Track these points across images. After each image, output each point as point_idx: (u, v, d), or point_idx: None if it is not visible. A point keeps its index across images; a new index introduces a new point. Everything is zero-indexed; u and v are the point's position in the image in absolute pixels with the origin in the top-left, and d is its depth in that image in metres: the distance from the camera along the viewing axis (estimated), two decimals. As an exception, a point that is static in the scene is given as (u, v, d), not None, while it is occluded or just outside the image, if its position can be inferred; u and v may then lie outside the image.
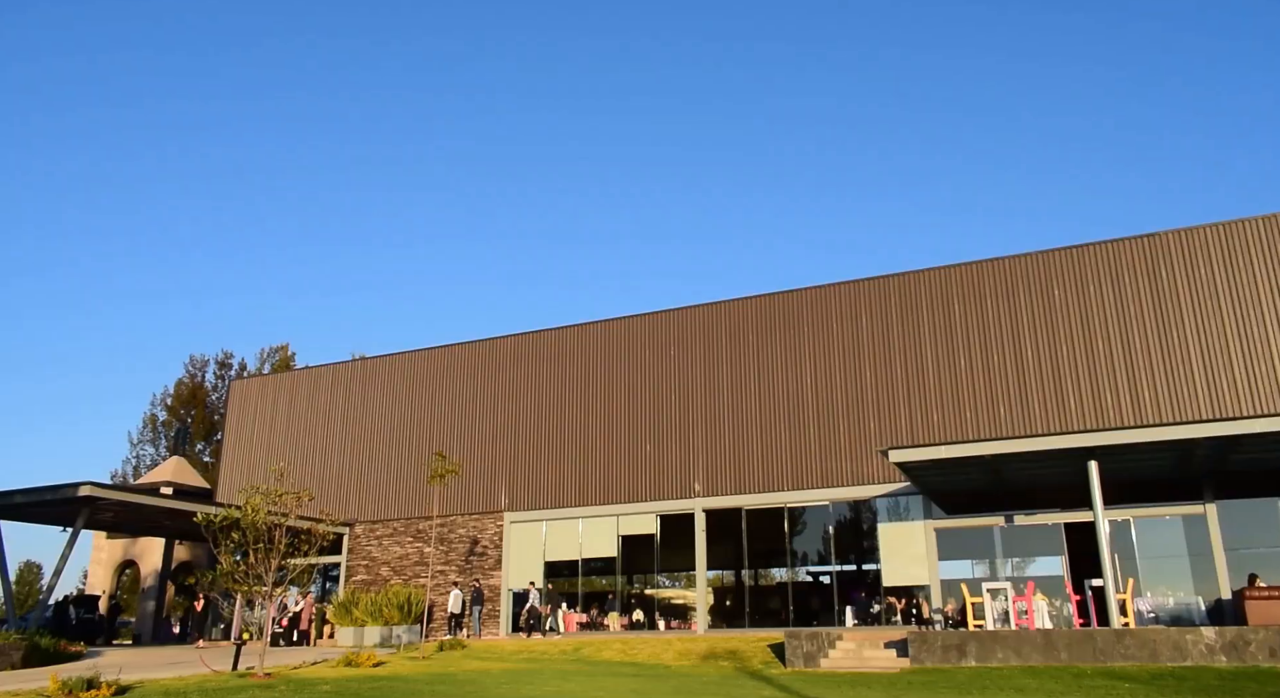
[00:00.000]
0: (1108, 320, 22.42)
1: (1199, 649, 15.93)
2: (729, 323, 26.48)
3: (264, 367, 54.25)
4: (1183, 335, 21.68)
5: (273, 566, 17.08)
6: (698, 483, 25.46)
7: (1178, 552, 20.63)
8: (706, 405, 25.97)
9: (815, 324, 25.38)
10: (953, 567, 22.54)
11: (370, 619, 25.62)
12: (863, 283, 25.17)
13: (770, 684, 15.98)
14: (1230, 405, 20.82)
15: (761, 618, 26.10)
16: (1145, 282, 22.38)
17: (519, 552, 27.18)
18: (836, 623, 23.10)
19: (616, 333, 27.94)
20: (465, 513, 28.22)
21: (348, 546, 29.86)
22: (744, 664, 19.26)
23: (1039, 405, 22.44)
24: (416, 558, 28.62)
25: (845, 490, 23.79)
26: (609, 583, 28.13)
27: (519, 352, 29.24)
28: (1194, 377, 21.34)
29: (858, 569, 25.19)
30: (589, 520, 26.60)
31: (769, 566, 30.05)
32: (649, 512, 25.86)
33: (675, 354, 26.86)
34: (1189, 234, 22.33)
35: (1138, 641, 16.31)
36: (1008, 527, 22.15)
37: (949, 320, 23.91)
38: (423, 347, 31.14)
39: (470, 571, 27.56)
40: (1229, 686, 14.23)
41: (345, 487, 30.51)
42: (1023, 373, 22.82)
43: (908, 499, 23.08)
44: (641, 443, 26.49)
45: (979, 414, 22.92)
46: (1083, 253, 23.15)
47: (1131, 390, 21.75)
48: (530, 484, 27.66)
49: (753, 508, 24.82)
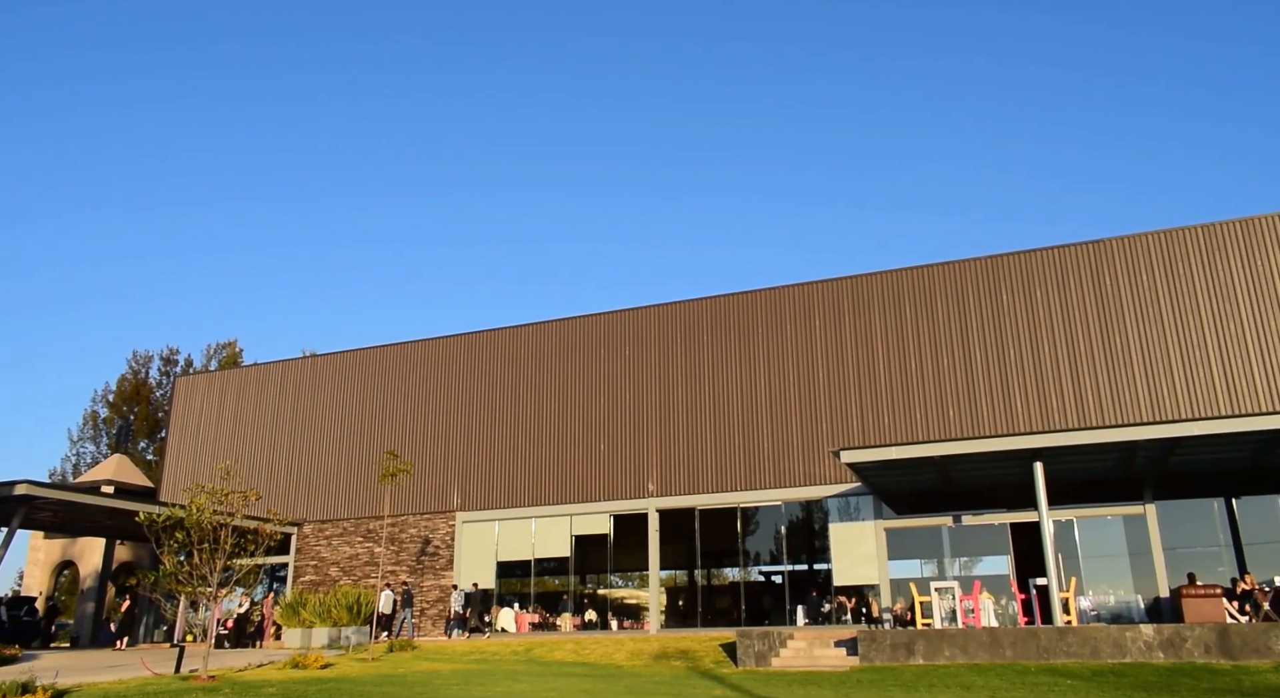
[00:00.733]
0: (1054, 325, 22.90)
1: (1138, 646, 16.33)
2: (684, 323, 26.56)
3: (211, 363, 53.18)
4: (1125, 340, 22.23)
5: (218, 566, 16.74)
6: (651, 483, 25.49)
7: (1119, 551, 21.15)
8: (661, 405, 26.02)
9: (769, 325, 25.57)
10: (902, 566, 22.86)
11: (318, 620, 25.22)
12: (816, 285, 25.42)
13: (722, 684, 16.05)
14: (1170, 409, 21.39)
15: (714, 618, 26.21)
16: (1090, 287, 22.91)
17: (471, 552, 26.98)
18: (788, 622, 23.28)
19: (570, 332, 27.87)
20: (417, 513, 27.93)
21: (296, 546, 29.38)
22: (696, 664, 19.32)
23: (987, 408, 22.85)
24: (367, 558, 28.26)
25: (797, 491, 23.99)
26: (562, 583, 28.04)
27: (472, 350, 29.03)
28: (1135, 381, 21.89)
29: (809, 569, 25.42)
30: (542, 520, 26.50)
31: (722, 565, 30.20)
32: (602, 512, 25.84)
33: (630, 354, 26.87)
34: (1132, 241, 22.90)
35: (1079, 638, 16.68)
36: (956, 527, 22.52)
37: (900, 323, 24.24)
38: (375, 344, 30.79)
39: (422, 571, 27.29)
40: (1166, 682, 14.61)
41: (294, 486, 30.02)
42: (971, 376, 23.22)
43: (858, 499, 23.35)
44: (595, 443, 26.45)
45: (929, 416, 23.27)
46: (1029, 258, 23.62)
47: (1076, 394, 22.24)
48: (483, 484, 27.47)
49: (706, 508, 24.92)
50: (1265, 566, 20.02)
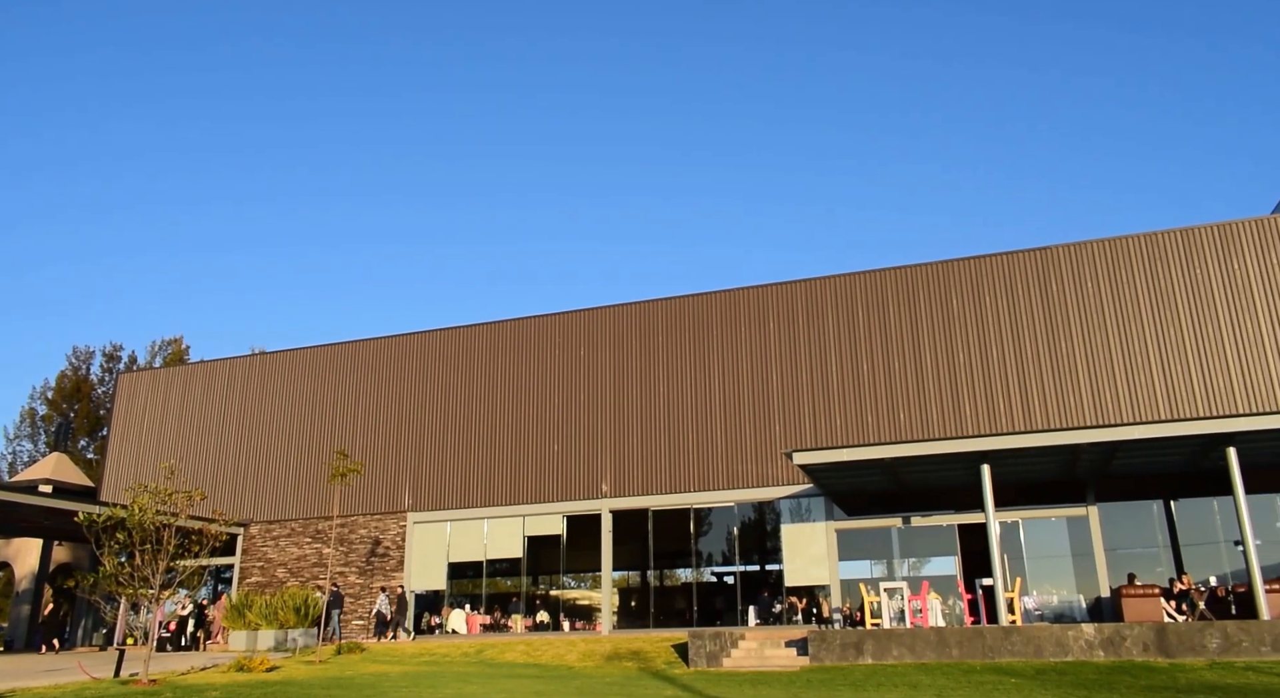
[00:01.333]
0: (1001, 330, 23.35)
1: (1080, 645, 16.71)
2: (639, 324, 26.59)
3: (155, 360, 52.00)
4: (1070, 346, 22.73)
5: (160, 568, 16.39)
6: (605, 484, 25.47)
7: (1062, 552, 21.62)
8: (615, 406, 26.01)
9: (724, 327, 25.70)
10: (852, 567, 23.13)
11: (264, 623, 24.77)
12: (771, 288, 25.61)
13: (673, 684, 16.08)
14: (1112, 413, 21.92)
15: (666, 619, 26.26)
16: (1037, 294, 23.39)
17: (422, 553, 26.71)
18: (739, 623, 23.41)
19: (524, 332, 27.74)
20: (367, 513, 27.58)
21: (242, 546, 28.83)
22: (648, 665, 19.34)
23: (936, 411, 23.21)
24: (315, 559, 27.83)
25: (750, 492, 24.14)
26: (514, 584, 27.88)
27: (425, 349, 28.75)
28: (1080, 386, 22.40)
29: (761, 570, 25.59)
30: (495, 521, 26.34)
31: (674, 566, 30.28)
32: (555, 512, 25.75)
33: (585, 355, 26.83)
34: (1077, 249, 23.43)
35: (1024, 637, 17.01)
36: (905, 528, 22.85)
37: (853, 327, 24.52)
38: (325, 342, 30.34)
39: (372, 572, 26.95)
40: (1105, 679, 14.97)
41: (241, 486, 29.46)
42: (922, 379, 23.57)
43: (810, 501, 23.57)
44: (549, 443, 26.36)
45: (880, 419, 23.57)
46: (979, 264, 24.05)
47: (1023, 398, 22.70)
48: (435, 484, 27.21)
49: (659, 509, 24.97)
50: (1201, 566, 20.61)
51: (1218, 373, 21.59)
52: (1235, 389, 21.36)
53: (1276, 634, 16.02)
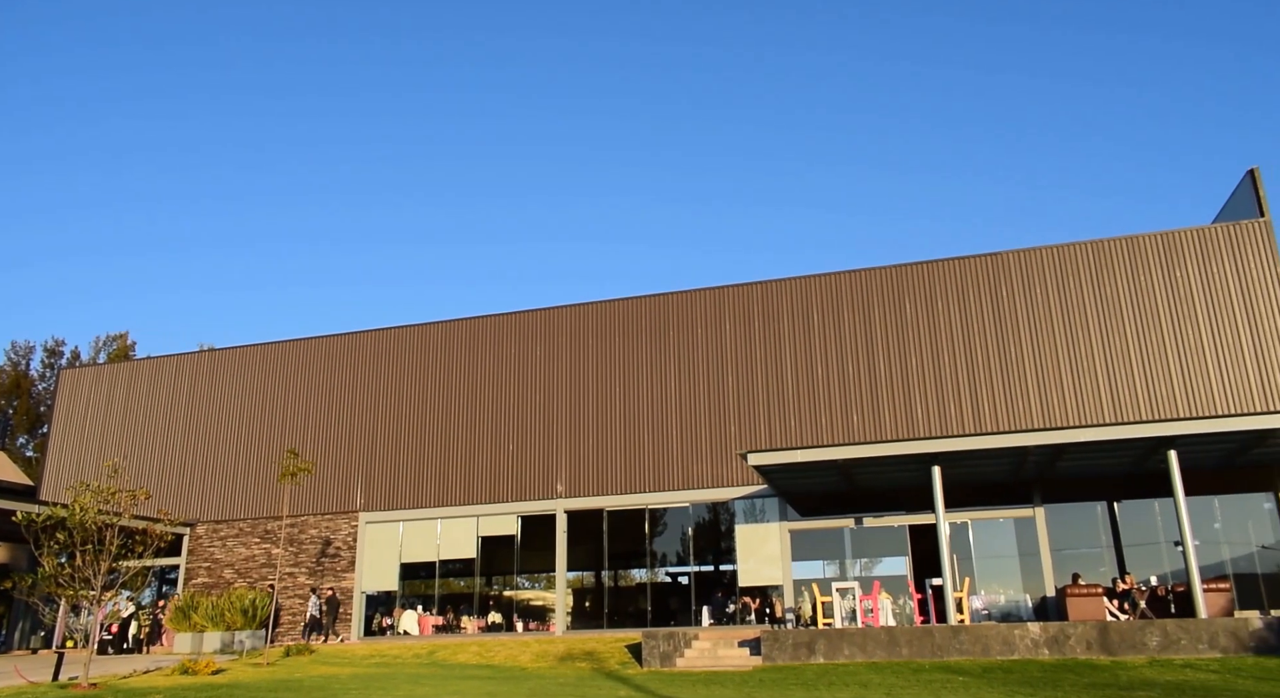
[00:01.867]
0: (953, 334, 23.73)
1: (1025, 643, 17.04)
2: (596, 324, 26.55)
3: (99, 356, 50.76)
4: (1019, 351, 23.18)
5: (103, 568, 16.00)
6: (560, 484, 25.40)
7: (1009, 552, 22.04)
8: (571, 406, 25.96)
9: (681, 328, 25.78)
10: (805, 567, 23.34)
11: (211, 624, 24.31)
12: (728, 289, 25.75)
13: (626, 685, 16.09)
14: (1059, 417, 22.40)
15: (621, 619, 26.25)
16: (988, 299, 23.81)
17: (374, 553, 26.40)
18: (693, 623, 23.49)
19: (479, 331, 27.56)
20: (318, 513, 27.19)
21: (188, 547, 28.24)
22: (601, 665, 19.33)
23: (889, 413, 23.51)
24: (264, 560, 27.36)
25: (705, 493, 24.25)
26: (467, 585, 27.66)
27: (379, 347, 28.42)
28: (1028, 390, 22.85)
29: (715, 570, 25.69)
30: (448, 521, 26.12)
31: (629, 566, 30.28)
32: (510, 512, 25.62)
33: (541, 354, 26.73)
34: (1026, 255, 23.90)
35: (971, 636, 17.30)
36: (857, 528, 23.11)
37: (808, 329, 24.75)
38: (277, 339, 29.85)
39: (322, 573, 26.57)
40: (1050, 677, 15.29)
41: (187, 485, 28.86)
42: (875, 382, 23.87)
43: (764, 502, 23.74)
44: (504, 443, 26.21)
45: (834, 420, 23.81)
46: (931, 268, 24.42)
47: (973, 401, 23.09)
48: (387, 484, 26.91)
49: (614, 509, 24.96)
50: (1143, 566, 21.15)
51: (1160, 378, 22.16)
52: (1176, 394, 21.94)
53: (1214, 633, 16.49)
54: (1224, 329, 22.12)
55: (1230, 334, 22.06)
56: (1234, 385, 21.70)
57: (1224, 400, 21.61)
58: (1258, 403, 21.37)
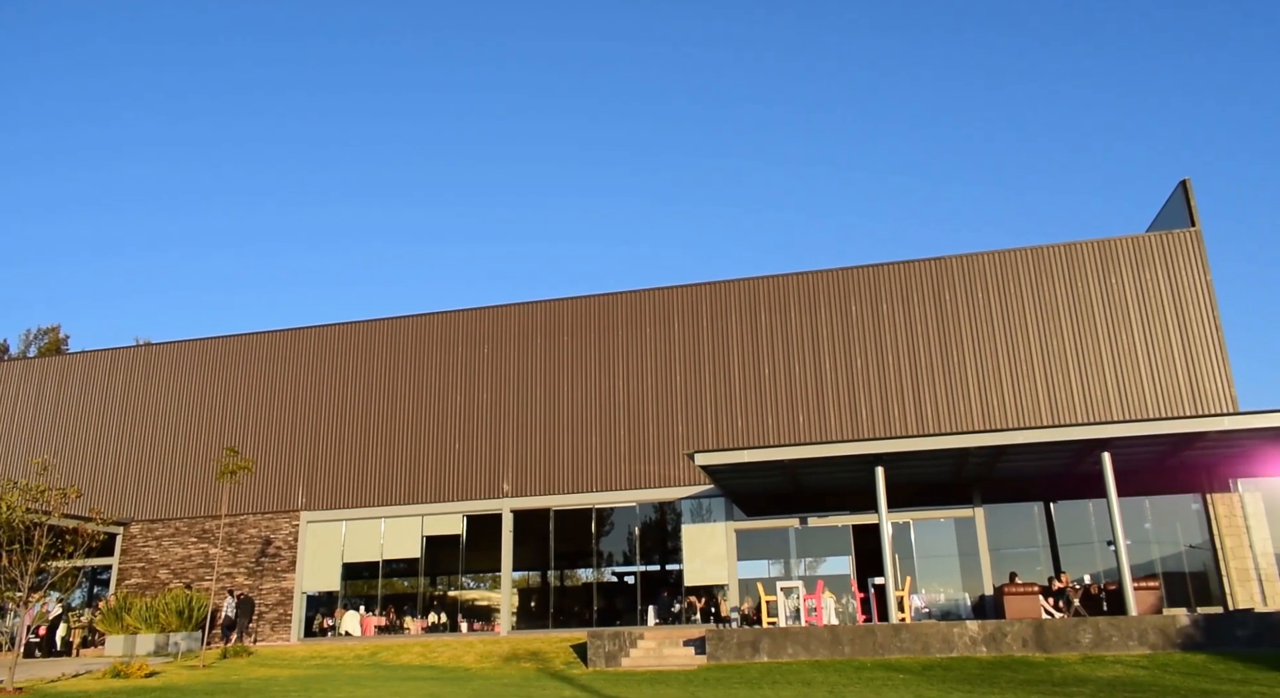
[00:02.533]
0: (897, 337, 24.11)
1: (964, 641, 17.39)
2: (544, 323, 26.44)
3: (29, 350, 49.14)
4: (961, 354, 23.65)
5: (30, 569, 15.50)
6: (506, 483, 25.25)
7: (949, 552, 22.47)
8: (518, 405, 25.81)
9: (629, 327, 25.79)
10: (750, 567, 23.52)
11: (144, 626, 23.66)
12: (676, 290, 25.83)
13: (571, 685, 16.06)
14: (998, 419, 22.89)
15: (566, 619, 26.18)
16: (931, 303, 24.24)
17: (316, 553, 25.95)
18: (639, 623, 23.52)
19: (426, 328, 27.27)
20: (258, 512, 26.64)
21: (121, 546, 27.46)
22: (546, 665, 19.26)
23: (834, 414, 23.81)
24: (201, 560, 26.73)
25: (652, 492, 24.30)
26: (411, 585, 27.34)
27: (323, 344, 27.94)
28: (969, 392, 23.32)
29: (661, 569, 25.77)
30: (392, 520, 25.79)
31: (575, 566, 30.21)
32: (455, 512, 25.39)
33: (488, 352, 26.53)
34: (969, 260, 24.39)
35: (912, 634, 17.60)
36: (802, 528, 23.37)
37: (755, 330, 24.95)
38: (215, 334, 29.17)
39: (261, 573, 26.05)
40: (987, 674, 15.62)
41: (121, 483, 28.06)
42: (821, 383, 24.15)
43: (711, 501, 23.87)
44: (450, 442, 25.97)
45: (780, 421, 24.03)
46: (876, 272, 24.79)
47: (916, 403, 23.49)
48: (330, 482, 26.48)
49: (561, 509, 24.88)
50: (1077, 565, 21.72)
51: (1095, 382, 22.79)
52: (1110, 398, 22.58)
53: (1143, 630, 17.01)
54: (1156, 335, 22.82)
55: (1162, 340, 22.76)
56: (1165, 390, 22.39)
57: (1155, 404, 22.29)
58: (1187, 407, 22.08)
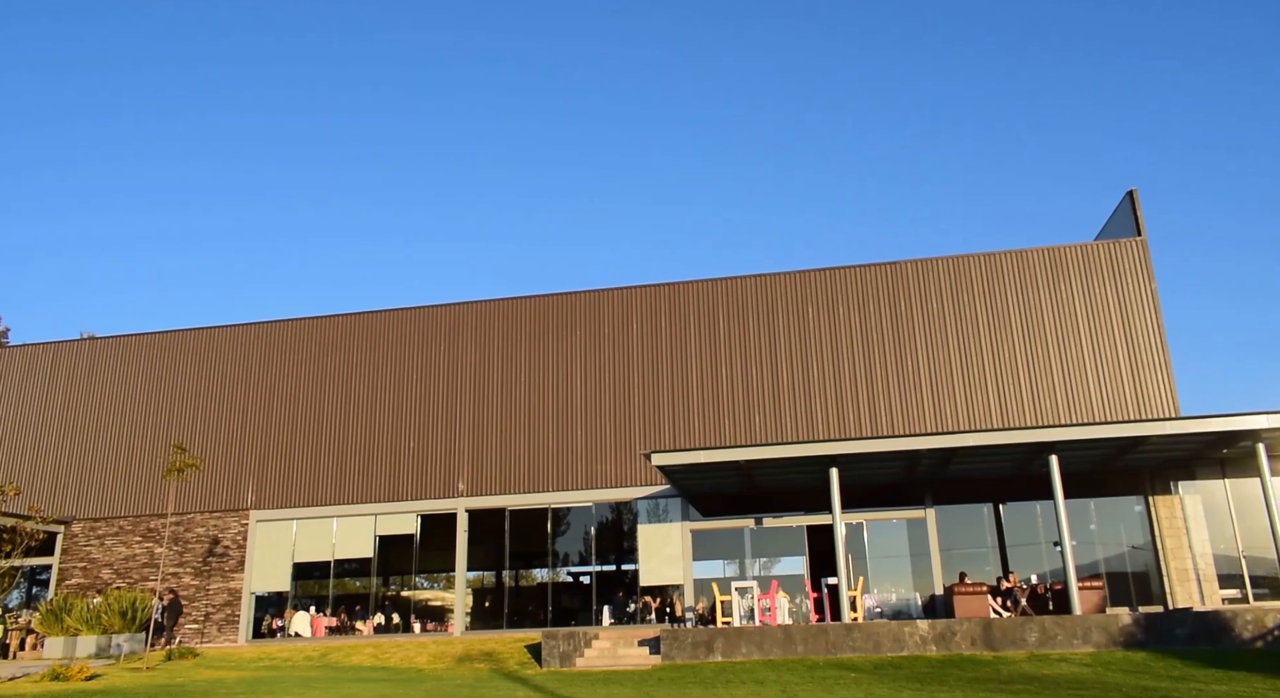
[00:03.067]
0: (853, 340, 24.39)
1: (914, 640, 17.63)
2: (502, 321, 26.29)
3: (-33, 342, 47.60)
4: (914, 358, 23.98)
5: (-35, 568, 15.02)
6: (461, 482, 25.06)
7: (901, 552, 22.79)
8: (475, 404, 25.63)
9: (586, 327, 25.75)
10: (706, 567, 23.62)
11: (86, 628, 23.05)
12: (634, 290, 25.85)
13: (525, 685, 15.98)
14: (950, 421, 23.26)
15: (521, 619, 26.06)
16: (885, 306, 24.56)
17: (265, 553, 25.51)
18: (594, 623, 23.49)
19: (380, 325, 26.95)
20: (206, 511, 26.12)
21: (62, 545, 26.74)
22: (500, 666, 19.15)
23: (790, 416, 24.01)
24: (146, 560, 26.14)
25: (608, 492, 24.28)
26: (364, 585, 27.01)
27: (272, 339, 27.47)
28: (922, 395, 23.67)
29: (617, 569, 25.77)
30: (344, 520, 25.45)
31: (530, 566, 30.10)
32: (409, 511, 25.13)
33: (445, 350, 26.31)
34: (924, 265, 24.75)
35: (864, 634, 17.81)
36: (757, 528, 23.52)
37: (713, 331, 25.06)
38: (163, 329, 28.50)
39: (209, 573, 25.55)
40: (937, 672, 15.86)
41: (63, 481, 27.32)
42: (778, 384, 24.33)
43: (667, 502, 23.92)
44: (404, 440, 25.70)
45: (736, 422, 24.17)
46: (833, 276, 25.05)
47: (870, 405, 23.78)
48: (281, 481, 26.05)
49: (517, 508, 24.76)
50: (1025, 565, 22.15)
51: (1044, 386, 23.26)
52: (1058, 402, 23.07)
53: (1087, 628, 17.40)
54: (1102, 341, 23.36)
55: (1108, 346, 23.31)
56: (1110, 395, 22.94)
57: (1101, 409, 22.82)
58: (1131, 411, 22.63)
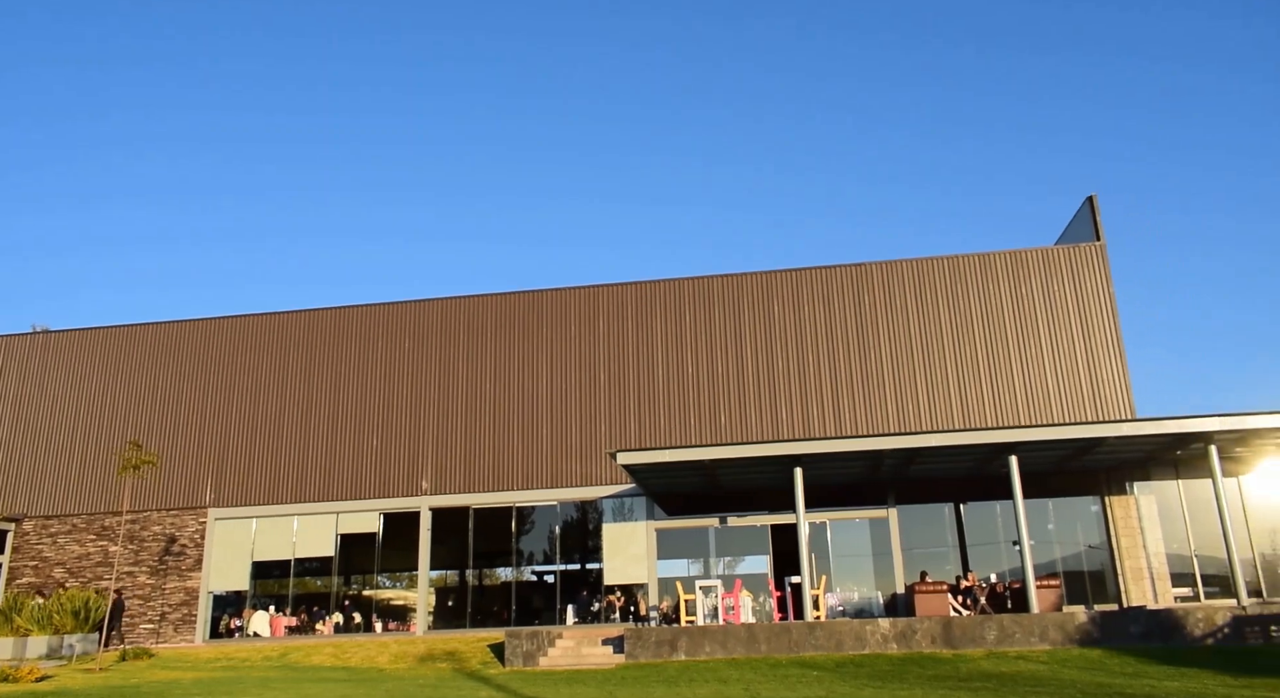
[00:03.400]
0: (818, 340, 24.55)
1: (876, 638, 17.79)
2: (468, 319, 26.12)
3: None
4: (878, 358, 24.20)
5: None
6: (425, 481, 24.86)
7: (864, 551, 22.99)
8: (440, 402, 25.44)
9: (554, 326, 25.66)
10: (670, 566, 23.65)
11: (37, 628, 22.55)
12: (602, 288, 25.81)
13: (487, 685, 15.90)
14: (912, 422, 23.51)
15: (484, 619, 25.92)
16: (851, 307, 24.76)
17: (223, 551, 25.11)
18: (558, 622, 23.43)
19: (345, 321, 26.65)
20: (162, 508, 25.66)
21: (13, 544, 26.13)
22: (462, 665, 19.04)
23: (755, 415, 24.11)
24: (100, 558, 25.62)
25: (574, 491, 24.22)
26: (325, 584, 26.70)
27: (233, 335, 27.05)
28: (885, 396, 23.89)
29: (581, 568, 25.72)
30: (305, 518, 25.13)
31: (494, 565, 29.94)
32: (372, 510, 24.88)
33: (409, 348, 26.08)
34: (888, 267, 24.98)
35: (826, 632, 17.94)
36: (721, 528, 23.61)
37: (680, 330, 25.10)
38: (118, 323, 27.94)
39: (165, 572, 25.11)
40: (897, 670, 16.02)
41: (14, 477, 26.70)
42: (743, 384, 24.43)
43: (632, 501, 23.92)
44: (367, 438, 25.45)
45: (702, 421, 24.23)
46: (799, 276, 25.21)
47: (834, 406, 23.96)
48: (241, 478, 25.66)
49: (481, 507, 24.62)
50: (985, 564, 22.44)
51: (1004, 388, 23.59)
52: (1019, 403, 23.41)
53: (1044, 627, 17.67)
54: (1062, 344, 23.74)
55: (1067, 349, 23.69)
56: (1069, 397, 23.32)
57: (1060, 410, 23.19)
58: (1089, 414, 23.02)
